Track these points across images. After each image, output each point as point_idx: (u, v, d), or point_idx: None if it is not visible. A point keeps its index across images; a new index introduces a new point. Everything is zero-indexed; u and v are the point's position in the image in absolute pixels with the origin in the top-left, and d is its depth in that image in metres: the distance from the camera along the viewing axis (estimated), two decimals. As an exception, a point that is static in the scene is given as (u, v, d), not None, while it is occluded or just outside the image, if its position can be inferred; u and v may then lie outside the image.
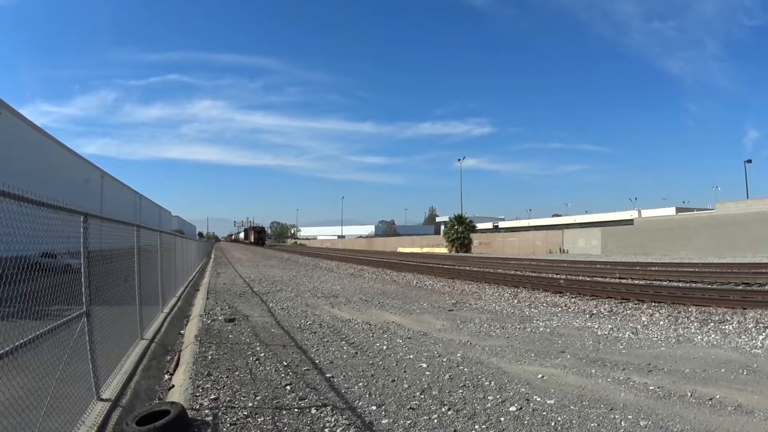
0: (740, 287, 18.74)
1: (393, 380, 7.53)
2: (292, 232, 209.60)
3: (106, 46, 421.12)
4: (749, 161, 79.75)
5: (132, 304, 9.04)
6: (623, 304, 15.61)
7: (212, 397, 6.59)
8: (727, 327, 11.45)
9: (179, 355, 9.42)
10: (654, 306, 14.99)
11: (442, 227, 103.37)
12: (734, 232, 43.86)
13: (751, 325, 11.49)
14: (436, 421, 5.89)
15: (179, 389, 7.02)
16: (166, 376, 8.22)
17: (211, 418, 5.81)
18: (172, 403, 5.72)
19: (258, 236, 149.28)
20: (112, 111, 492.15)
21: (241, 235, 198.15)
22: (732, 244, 42.82)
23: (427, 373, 7.94)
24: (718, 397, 6.52)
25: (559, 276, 25.82)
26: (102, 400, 5.75)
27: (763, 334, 10.53)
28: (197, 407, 6.16)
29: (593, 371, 7.94)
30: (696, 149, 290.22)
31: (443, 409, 6.25)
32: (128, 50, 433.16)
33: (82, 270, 5.70)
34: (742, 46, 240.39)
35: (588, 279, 24.31)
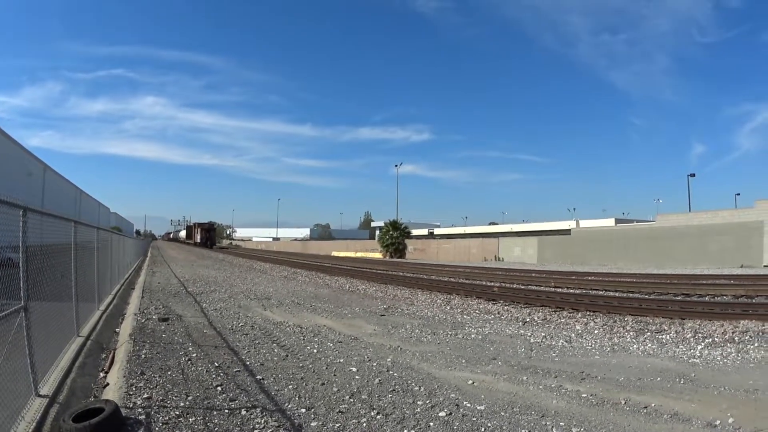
0: (679, 298, 19.16)
1: (323, 383, 7.65)
2: (228, 233, 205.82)
3: (56, 37, 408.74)
4: (693, 175, 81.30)
5: (69, 300, 9.02)
6: (558, 313, 15.75)
7: (145, 396, 6.65)
8: (664, 337, 11.61)
9: (114, 353, 9.44)
10: (589, 315, 15.20)
11: (377, 232, 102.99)
12: (675, 243, 44.18)
13: (690, 335, 11.66)
14: (365, 424, 6.00)
15: (113, 387, 7.09)
16: (102, 374, 8.26)
17: (144, 416, 5.89)
18: (107, 401, 5.81)
19: (206, 235, 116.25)
20: (57, 103, 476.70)
21: (182, 233, 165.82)
22: (672, 255, 43.15)
23: (357, 377, 8.05)
24: (653, 405, 6.58)
25: (493, 283, 26.03)
26: (40, 396, 5.82)
27: (702, 344, 10.66)
28: (131, 406, 6.23)
29: (525, 378, 8.01)
30: (639, 162, 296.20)
31: (372, 413, 6.34)
32: (78, 42, 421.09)
33: (21, 265, 5.74)
34: (693, 62, 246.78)
35: (522, 287, 24.38)
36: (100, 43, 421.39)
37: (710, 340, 11.12)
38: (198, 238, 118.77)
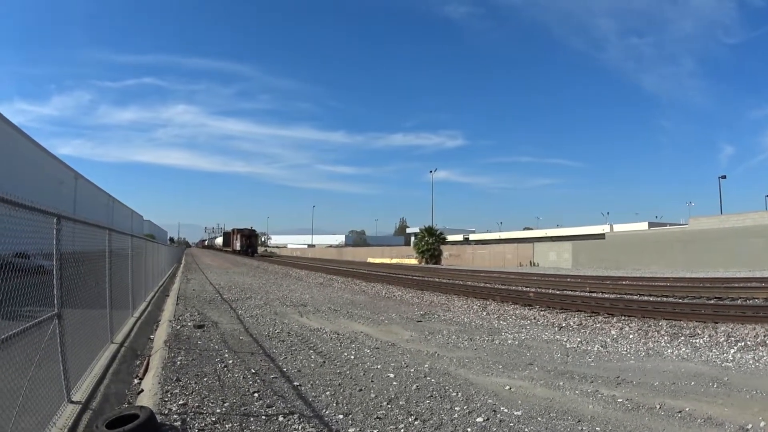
0: (712, 301, 18.84)
1: (360, 390, 7.59)
2: (263, 240, 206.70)
3: (80, 45, 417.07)
4: (724, 177, 79.59)
5: (102, 307, 9.00)
6: (593, 318, 15.69)
7: (181, 402, 6.59)
8: (697, 341, 11.57)
9: (148, 359, 9.40)
10: (624, 320, 15.03)
11: (413, 238, 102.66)
12: (707, 247, 43.84)
13: (723, 338, 11.61)
14: (402, 430, 5.96)
15: (148, 394, 7.02)
16: (136, 381, 8.19)
17: (179, 423, 5.82)
18: (141, 407, 5.73)
19: (246, 242, 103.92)
20: (87, 112, 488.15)
21: (218, 240, 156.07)
22: (705, 259, 42.84)
23: (394, 383, 7.99)
24: (687, 409, 6.59)
25: (528, 289, 25.94)
26: (73, 402, 5.76)
27: (735, 347, 10.68)
28: (166, 412, 6.15)
29: (561, 383, 8.00)
30: (670, 165, 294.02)
31: (410, 419, 6.30)
32: (104, 51, 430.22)
33: (54, 272, 5.70)
34: (719, 63, 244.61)
35: (558, 292, 24.23)
36: (127, 51, 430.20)
37: (743, 343, 11.14)
38: (237, 245, 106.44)
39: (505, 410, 6.68)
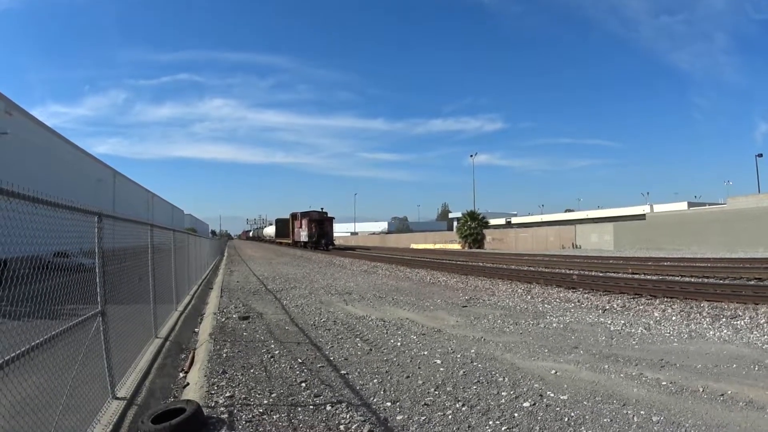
0: (752, 282, 18.56)
1: (407, 376, 7.55)
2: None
3: (113, 47, 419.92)
4: (760, 155, 77.63)
5: (146, 302, 9.06)
6: (636, 300, 15.49)
7: (227, 394, 6.61)
8: (739, 322, 11.37)
9: (194, 353, 9.45)
10: (666, 301, 14.81)
11: (455, 223, 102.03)
12: (746, 226, 42.92)
13: (763, 320, 11.42)
14: (450, 416, 5.91)
15: (194, 387, 7.05)
16: (181, 375, 8.27)
17: (226, 415, 5.83)
18: (188, 401, 5.73)
19: (318, 230, 69.99)
20: (123, 111, 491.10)
21: (268, 229, 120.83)
22: (744, 238, 41.97)
23: (441, 369, 7.95)
24: (729, 392, 6.55)
25: (571, 271, 25.70)
26: (117, 398, 5.79)
27: None
28: (212, 405, 6.17)
29: (606, 367, 7.93)
30: (706, 143, 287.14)
31: (457, 405, 6.27)
32: (137, 50, 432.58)
33: (97, 270, 5.69)
34: (751, 39, 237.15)
35: (601, 274, 23.94)
36: (159, 49, 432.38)
37: (783, 325, 11.00)
38: (303, 235, 73.33)
39: (552, 395, 6.67)
